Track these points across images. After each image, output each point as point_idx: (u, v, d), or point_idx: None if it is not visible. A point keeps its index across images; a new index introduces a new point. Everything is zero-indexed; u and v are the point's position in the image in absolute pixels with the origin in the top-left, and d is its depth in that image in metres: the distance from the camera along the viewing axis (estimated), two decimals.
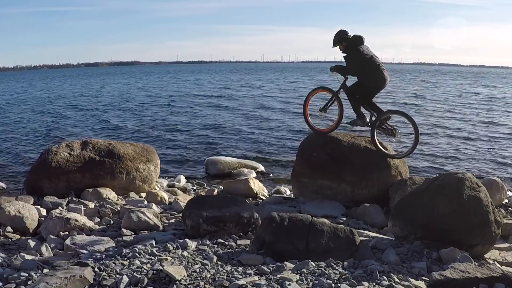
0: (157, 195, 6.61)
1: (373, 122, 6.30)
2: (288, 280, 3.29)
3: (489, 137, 14.06)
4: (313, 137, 6.77)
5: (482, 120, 17.60)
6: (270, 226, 4.12)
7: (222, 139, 13.45)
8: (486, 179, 7.18)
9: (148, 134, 14.58)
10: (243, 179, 7.58)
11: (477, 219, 4.38)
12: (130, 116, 19.07)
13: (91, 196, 6.29)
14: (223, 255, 3.98)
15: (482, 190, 4.53)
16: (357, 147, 6.40)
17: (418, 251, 4.33)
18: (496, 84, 45.19)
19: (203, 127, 15.68)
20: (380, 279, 3.45)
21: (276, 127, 15.50)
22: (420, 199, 4.64)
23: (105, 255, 3.94)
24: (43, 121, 17.83)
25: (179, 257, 3.85)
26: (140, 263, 3.60)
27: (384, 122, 6.31)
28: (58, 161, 6.48)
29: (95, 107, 22.47)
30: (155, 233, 4.85)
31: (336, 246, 4.01)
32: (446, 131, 14.91)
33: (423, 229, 4.46)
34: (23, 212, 5.14)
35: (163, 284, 3.27)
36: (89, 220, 5.27)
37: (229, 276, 3.43)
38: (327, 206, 6.14)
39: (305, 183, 6.56)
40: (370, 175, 6.27)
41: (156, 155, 7.40)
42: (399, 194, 5.87)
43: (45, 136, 14.31)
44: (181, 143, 12.87)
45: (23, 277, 3.32)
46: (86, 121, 17.84)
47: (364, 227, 5.53)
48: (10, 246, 4.56)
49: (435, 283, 3.36)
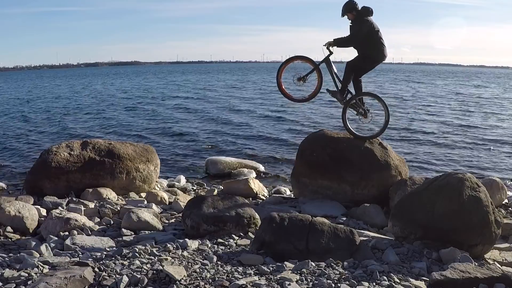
0: (157, 195, 6.60)
1: (348, 100, 6.39)
2: (288, 280, 3.29)
3: (489, 137, 14.07)
4: (313, 137, 6.76)
5: (482, 120, 17.62)
6: (270, 226, 4.12)
7: (222, 139, 13.45)
8: (486, 179, 7.17)
9: (148, 134, 14.58)
10: (243, 179, 7.57)
11: (477, 219, 4.38)
12: (131, 116, 19.07)
13: (91, 196, 6.29)
14: (223, 255, 3.98)
15: (482, 190, 4.53)
16: (357, 147, 6.40)
17: (418, 251, 4.33)
18: (494, 84, 45.20)
19: (203, 127, 15.68)
20: (380, 279, 3.45)
21: (276, 127, 15.50)
22: (420, 199, 4.64)
23: (105, 255, 3.94)
24: (43, 121, 17.83)
25: (179, 257, 3.85)
26: (140, 263, 3.60)
27: (359, 102, 6.42)
28: (58, 161, 6.48)
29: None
30: (155, 233, 4.85)
31: (336, 246, 4.02)
32: (447, 131, 14.91)
33: (423, 229, 4.46)
34: (23, 212, 5.14)
35: (163, 284, 3.27)
36: (89, 220, 5.27)
37: (229, 276, 3.43)
38: (327, 206, 6.13)
39: (305, 183, 6.56)
40: (370, 175, 6.27)
41: (156, 155, 7.40)
42: (399, 194, 5.86)
43: (46, 135, 14.32)
44: (181, 143, 12.87)
45: (23, 277, 3.32)
46: (89, 122, 17.83)
47: (364, 227, 5.53)
48: (10, 246, 4.56)
49: (435, 283, 3.36)
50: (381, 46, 6.19)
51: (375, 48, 6.19)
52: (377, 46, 6.18)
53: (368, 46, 6.15)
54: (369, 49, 6.18)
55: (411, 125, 16.18)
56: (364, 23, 6.06)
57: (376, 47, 6.19)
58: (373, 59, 6.29)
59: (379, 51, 6.21)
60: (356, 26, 6.11)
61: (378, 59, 6.29)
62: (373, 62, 6.34)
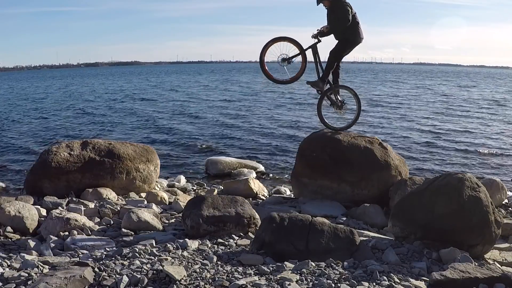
0: (157, 195, 6.60)
1: (326, 90, 6.51)
2: (288, 280, 3.29)
3: (489, 137, 14.07)
4: (313, 137, 6.77)
5: (482, 121, 17.61)
6: (270, 226, 4.12)
7: (223, 139, 13.46)
8: (486, 179, 7.18)
9: (148, 134, 14.59)
10: (243, 179, 7.57)
11: (477, 219, 4.38)
12: (130, 115, 19.07)
13: (91, 196, 6.28)
14: (223, 255, 3.98)
15: (482, 190, 4.53)
16: (357, 147, 6.40)
17: (418, 251, 4.33)
18: (494, 85, 45.19)
19: (203, 127, 15.69)
20: (380, 279, 3.45)
21: (276, 127, 15.51)
22: (420, 199, 4.64)
23: (105, 255, 3.94)
24: (44, 121, 17.83)
25: (179, 257, 3.85)
26: (140, 263, 3.60)
27: (335, 93, 6.57)
28: (58, 161, 6.47)
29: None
30: (155, 233, 4.85)
31: (336, 246, 4.01)
32: (447, 132, 14.91)
33: (423, 229, 4.46)
34: (23, 212, 5.13)
35: (163, 284, 3.26)
36: (89, 220, 5.27)
37: (229, 276, 3.43)
38: (327, 206, 6.13)
39: (305, 183, 6.56)
40: (370, 175, 6.27)
41: (156, 155, 7.39)
42: (399, 194, 5.86)
43: (45, 136, 14.33)
44: (181, 143, 12.87)
45: (23, 277, 3.32)
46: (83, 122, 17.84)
47: (364, 227, 5.53)
48: (10, 246, 4.55)
49: (435, 283, 3.36)
50: (359, 28, 6.29)
51: (356, 32, 6.29)
52: (356, 29, 6.26)
53: (348, 30, 6.23)
54: (349, 33, 6.26)
55: (411, 125, 16.19)
56: (348, 5, 6.15)
57: (355, 30, 6.27)
58: (353, 41, 6.37)
59: (357, 34, 6.30)
60: (340, 11, 6.12)
61: (357, 41, 6.38)
62: (352, 44, 6.41)
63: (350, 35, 6.28)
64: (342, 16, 6.09)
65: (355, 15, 6.23)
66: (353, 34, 6.29)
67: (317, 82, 6.48)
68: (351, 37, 6.30)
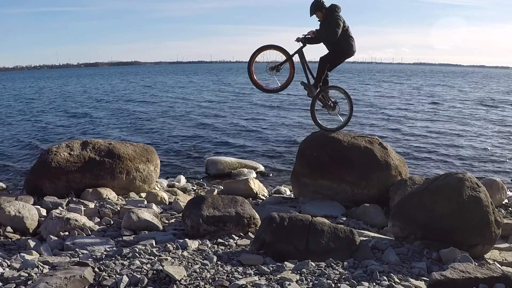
0: (157, 195, 6.60)
1: (317, 93, 6.55)
2: (288, 280, 3.29)
3: (489, 137, 14.07)
4: (313, 137, 6.77)
5: (482, 121, 17.61)
6: (270, 226, 4.12)
7: (222, 139, 13.45)
8: (486, 179, 7.17)
9: (149, 134, 14.59)
10: (243, 179, 7.57)
11: (477, 219, 4.38)
12: (130, 115, 19.07)
13: (91, 196, 6.29)
14: (223, 255, 3.98)
15: (482, 190, 4.53)
16: (357, 147, 6.40)
17: (418, 251, 4.33)
18: (495, 85, 45.19)
19: (203, 128, 15.68)
20: (380, 279, 3.45)
21: (276, 127, 15.51)
22: (420, 199, 4.63)
23: (105, 255, 3.94)
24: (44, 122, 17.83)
25: (179, 257, 3.85)
26: (140, 263, 3.60)
27: (325, 95, 6.61)
28: (58, 161, 6.48)
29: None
30: (155, 233, 4.84)
31: (336, 246, 4.01)
32: (447, 132, 14.91)
33: (423, 229, 4.46)
34: (23, 212, 5.14)
35: (163, 284, 3.26)
36: (89, 220, 5.27)
37: (229, 276, 3.43)
38: (327, 206, 6.13)
39: (305, 183, 6.56)
40: (370, 175, 6.27)
41: (156, 155, 7.39)
42: (399, 194, 5.86)
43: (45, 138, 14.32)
44: (181, 143, 12.87)
45: (23, 277, 3.32)
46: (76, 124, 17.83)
47: (364, 227, 5.53)
48: (10, 246, 4.55)
49: (435, 283, 3.36)
50: (352, 41, 6.41)
51: (349, 44, 6.39)
52: (348, 41, 6.37)
53: (340, 42, 6.31)
54: (342, 45, 6.35)
55: (411, 125, 16.19)
56: (341, 18, 6.23)
57: (348, 42, 6.36)
58: (345, 53, 6.45)
59: (350, 46, 6.40)
60: (331, 22, 6.19)
61: (349, 53, 6.46)
62: (344, 56, 6.51)
63: (344, 47, 6.38)
64: (332, 28, 6.18)
65: (348, 29, 6.33)
66: (347, 47, 6.40)
67: (310, 86, 6.53)
68: (344, 49, 6.41)
